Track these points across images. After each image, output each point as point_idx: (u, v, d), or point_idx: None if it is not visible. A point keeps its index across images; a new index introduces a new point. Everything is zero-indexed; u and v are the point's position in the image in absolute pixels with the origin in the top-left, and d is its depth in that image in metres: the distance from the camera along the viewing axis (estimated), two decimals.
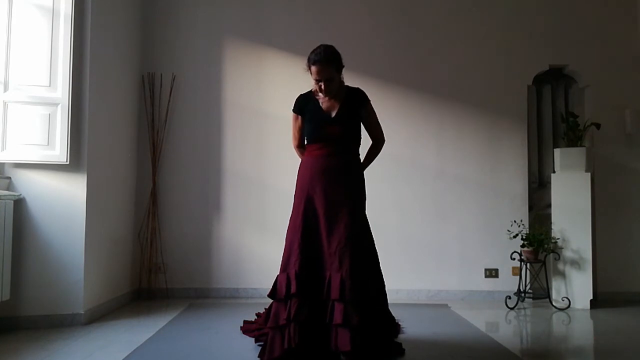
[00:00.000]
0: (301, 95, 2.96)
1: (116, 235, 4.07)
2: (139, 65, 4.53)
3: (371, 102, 2.95)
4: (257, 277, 4.45)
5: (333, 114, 2.83)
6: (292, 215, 2.84)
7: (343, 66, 2.84)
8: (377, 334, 2.69)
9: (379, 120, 3.01)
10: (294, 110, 2.96)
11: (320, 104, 2.86)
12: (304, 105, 2.91)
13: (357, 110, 2.88)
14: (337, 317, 2.52)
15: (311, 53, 2.79)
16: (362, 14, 4.72)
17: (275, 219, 4.46)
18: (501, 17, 4.74)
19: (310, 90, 2.91)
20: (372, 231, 2.90)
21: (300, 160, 3.00)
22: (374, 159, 3.05)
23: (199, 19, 4.65)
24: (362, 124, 2.95)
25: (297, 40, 4.61)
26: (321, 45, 2.81)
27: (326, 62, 2.75)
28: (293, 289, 2.60)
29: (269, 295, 2.73)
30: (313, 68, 2.76)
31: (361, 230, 2.77)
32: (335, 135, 2.81)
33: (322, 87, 2.78)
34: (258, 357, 2.67)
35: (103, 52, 3.74)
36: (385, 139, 3.05)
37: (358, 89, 2.94)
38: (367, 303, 2.63)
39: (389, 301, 2.98)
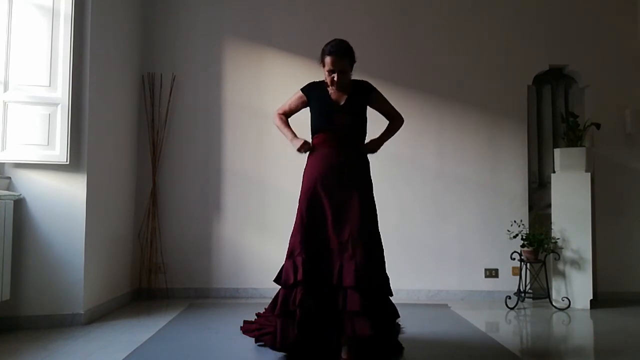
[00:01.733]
0: (313, 81, 2.99)
1: (116, 235, 4.07)
2: (139, 65, 4.53)
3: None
4: (257, 277, 4.45)
5: (341, 103, 2.87)
6: (298, 207, 2.84)
7: (355, 61, 2.87)
8: (385, 322, 2.73)
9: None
10: (302, 89, 2.98)
11: (329, 94, 2.89)
12: (313, 90, 2.94)
13: (364, 100, 2.92)
14: (354, 305, 2.54)
15: (326, 45, 2.82)
16: (362, 14, 4.71)
17: (275, 219, 4.47)
18: (501, 17, 4.74)
19: (323, 80, 2.93)
20: None
21: (278, 124, 3.05)
22: (393, 134, 3.04)
23: (199, 19, 4.65)
24: (376, 111, 2.98)
25: (297, 40, 4.62)
26: (336, 38, 2.86)
27: (342, 54, 2.78)
28: (299, 276, 2.62)
29: (275, 281, 2.76)
30: (328, 59, 2.79)
31: (371, 220, 2.79)
32: (342, 124, 2.83)
33: (335, 78, 2.80)
34: (269, 347, 2.74)
35: (103, 52, 3.74)
36: (403, 117, 3.05)
37: (363, 80, 2.98)
38: (377, 291, 2.68)
39: None
